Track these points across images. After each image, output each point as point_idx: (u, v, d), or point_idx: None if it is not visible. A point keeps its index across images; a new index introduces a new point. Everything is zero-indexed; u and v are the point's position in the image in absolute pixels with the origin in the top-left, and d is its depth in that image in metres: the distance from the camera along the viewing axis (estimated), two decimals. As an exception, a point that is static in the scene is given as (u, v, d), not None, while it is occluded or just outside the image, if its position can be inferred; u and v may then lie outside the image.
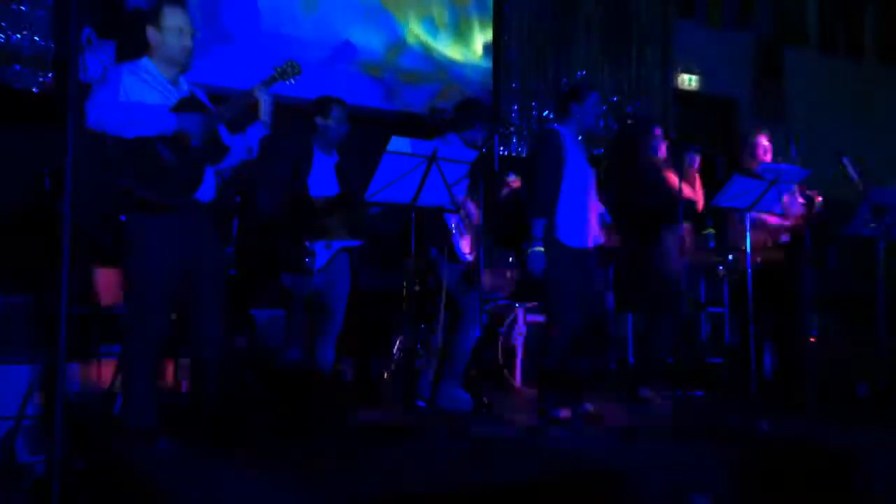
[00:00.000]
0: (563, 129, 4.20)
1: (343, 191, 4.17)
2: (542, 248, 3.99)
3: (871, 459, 3.52)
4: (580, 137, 4.28)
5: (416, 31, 6.53)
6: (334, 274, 4.09)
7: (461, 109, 4.55)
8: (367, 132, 5.33)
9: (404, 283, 4.40)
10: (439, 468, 3.06)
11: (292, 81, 3.53)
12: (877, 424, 4.09)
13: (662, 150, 4.89)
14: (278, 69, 3.51)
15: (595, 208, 4.24)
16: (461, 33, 6.75)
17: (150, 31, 3.25)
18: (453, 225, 4.35)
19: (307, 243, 3.99)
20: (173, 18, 3.25)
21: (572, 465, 3.19)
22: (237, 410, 4.12)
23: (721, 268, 5.10)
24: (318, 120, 4.15)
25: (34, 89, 5.13)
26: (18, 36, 5.11)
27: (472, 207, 4.47)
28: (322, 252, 4.02)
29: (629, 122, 7.13)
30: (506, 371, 5.06)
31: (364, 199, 3.58)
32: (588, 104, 4.19)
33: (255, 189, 4.42)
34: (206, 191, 3.27)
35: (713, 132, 8.45)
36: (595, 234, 4.21)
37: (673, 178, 4.72)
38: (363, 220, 4.20)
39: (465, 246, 4.41)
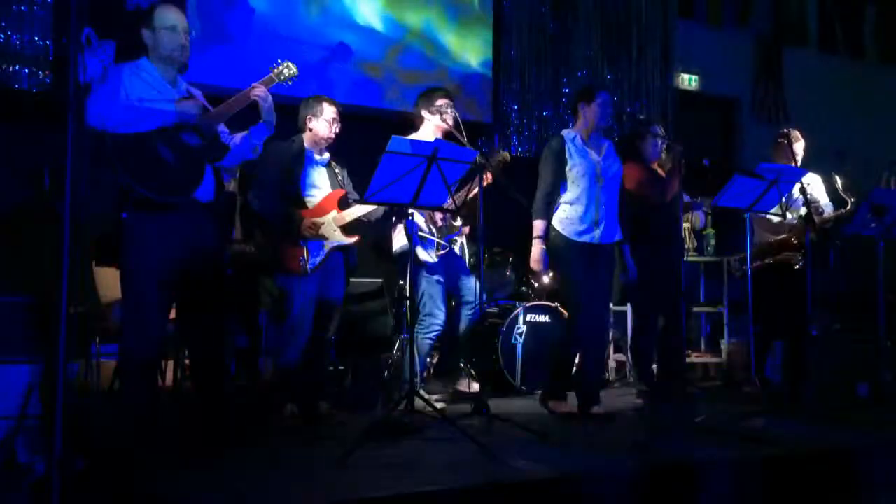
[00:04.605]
0: (568, 132, 4.33)
1: (335, 190, 4.16)
2: (543, 247, 4.20)
3: (871, 459, 3.52)
4: (601, 137, 4.34)
5: (416, 31, 6.53)
6: (329, 273, 4.08)
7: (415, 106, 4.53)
8: (366, 132, 5.33)
9: (402, 283, 4.40)
10: (439, 468, 3.06)
11: (289, 83, 3.53)
12: (877, 424, 4.09)
13: (659, 151, 4.92)
14: (275, 70, 3.51)
15: (614, 204, 4.27)
16: (461, 33, 6.75)
17: (145, 32, 3.27)
18: (416, 230, 4.29)
19: (301, 243, 3.98)
20: (166, 18, 3.27)
21: (573, 464, 3.19)
22: (236, 410, 4.13)
23: (737, 266, 5.11)
24: (309, 119, 4.14)
25: (34, 89, 5.13)
26: (18, 36, 5.11)
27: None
28: (315, 252, 4.00)
29: (635, 122, 7.13)
30: (506, 371, 5.06)
31: (364, 199, 3.57)
32: (596, 103, 4.26)
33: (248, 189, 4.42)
34: (206, 190, 3.27)
35: (713, 132, 8.46)
36: (611, 229, 4.25)
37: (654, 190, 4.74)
38: (357, 218, 4.17)
39: (431, 245, 4.38)
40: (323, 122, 4.12)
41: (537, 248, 4.20)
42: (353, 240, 4.13)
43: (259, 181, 4.09)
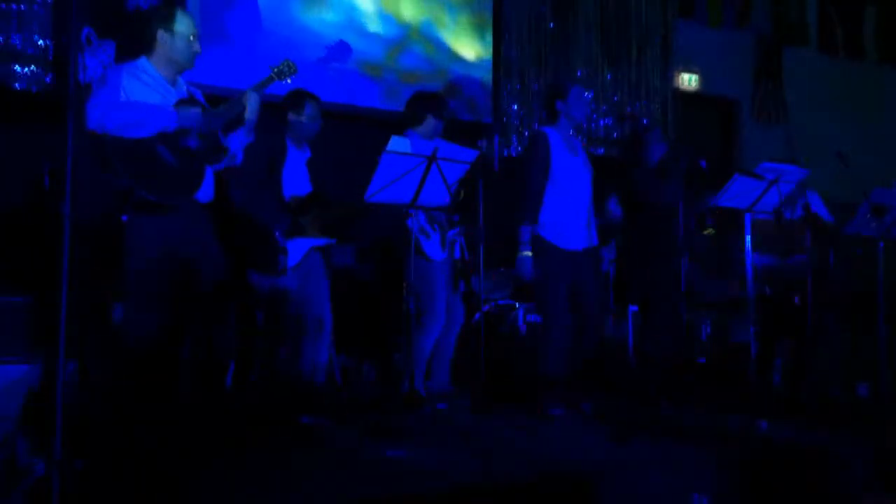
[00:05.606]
0: (552, 130, 4.22)
1: (316, 188, 4.14)
2: (529, 253, 4.03)
3: (870, 460, 3.52)
4: (576, 136, 4.29)
5: (416, 31, 6.53)
6: (309, 273, 4.06)
7: (409, 105, 4.49)
8: (365, 132, 5.34)
9: (404, 283, 4.40)
10: (439, 468, 3.06)
11: (289, 81, 3.53)
12: (877, 424, 4.09)
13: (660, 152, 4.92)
14: (275, 69, 3.51)
15: (591, 208, 4.24)
16: (461, 33, 6.75)
17: (161, 33, 3.24)
18: (417, 226, 4.28)
19: (280, 241, 3.95)
20: (187, 25, 3.28)
21: (572, 464, 3.19)
22: (236, 410, 4.13)
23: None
24: (291, 115, 4.12)
25: (34, 89, 5.13)
26: (18, 36, 5.11)
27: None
28: (294, 251, 3.97)
29: (637, 124, 7.11)
30: (506, 371, 5.05)
31: (364, 199, 3.57)
32: (571, 99, 4.19)
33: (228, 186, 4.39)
34: (206, 191, 3.27)
35: (713, 132, 8.46)
36: (594, 232, 4.22)
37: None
38: (337, 218, 4.15)
39: (435, 244, 4.36)
40: (304, 118, 4.10)
41: (525, 257, 4.04)
42: (332, 240, 4.10)
43: (240, 177, 4.05)
